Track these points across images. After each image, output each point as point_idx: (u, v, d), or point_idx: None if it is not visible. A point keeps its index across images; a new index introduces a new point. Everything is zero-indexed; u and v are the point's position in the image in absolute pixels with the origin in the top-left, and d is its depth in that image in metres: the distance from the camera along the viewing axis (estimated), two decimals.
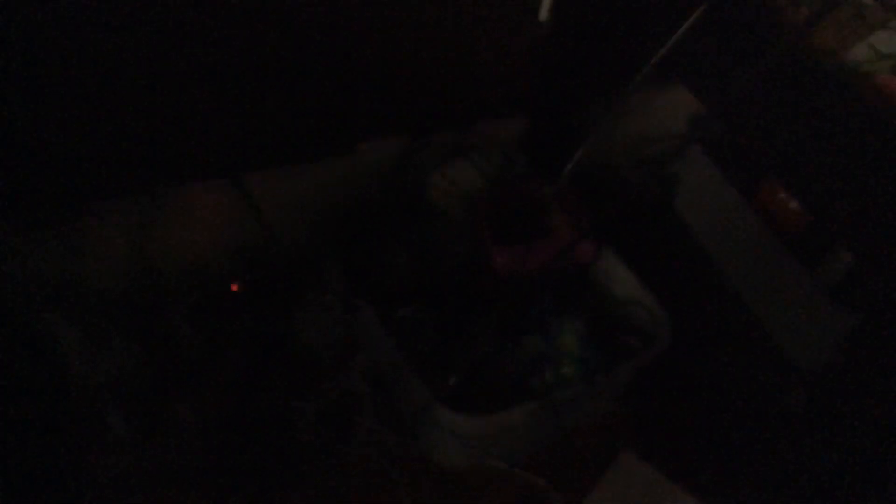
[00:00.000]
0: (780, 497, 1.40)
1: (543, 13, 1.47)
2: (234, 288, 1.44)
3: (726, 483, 1.45)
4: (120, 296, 1.40)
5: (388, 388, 1.43)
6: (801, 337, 1.59)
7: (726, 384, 1.60)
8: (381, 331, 1.35)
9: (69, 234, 1.32)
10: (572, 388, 1.37)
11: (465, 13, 1.43)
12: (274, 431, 1.39)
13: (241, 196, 1.40)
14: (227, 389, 1.41)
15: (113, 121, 1.23)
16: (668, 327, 1.45)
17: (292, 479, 1.35)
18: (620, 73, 1.48)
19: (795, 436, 1.43)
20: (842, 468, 1.32)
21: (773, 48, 0.93)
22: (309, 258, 1.49)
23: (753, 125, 1.26)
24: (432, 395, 1.25)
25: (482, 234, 1.49)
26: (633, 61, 1.41)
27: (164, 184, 1.34)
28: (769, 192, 1.68)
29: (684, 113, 1.80)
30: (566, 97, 1.66)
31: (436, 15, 1.40)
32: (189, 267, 1.45)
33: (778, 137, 1.23)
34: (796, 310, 1.59)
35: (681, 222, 1.82)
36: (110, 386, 1.35)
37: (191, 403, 1.38)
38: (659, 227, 1.80)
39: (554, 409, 1.33)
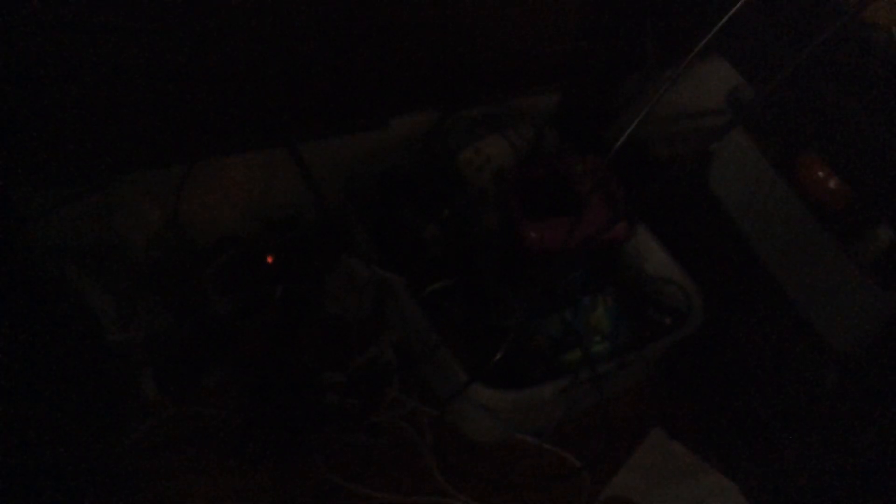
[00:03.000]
0: (812, 477, 1.39)
1: None
2: (270, 260, 1.45)
3: (758, 462, 1.44)
4: (153, 262, 1.41)
5: (418, 361, 1.43)
6: (836, 316, 1.57)
7: (759, 363, 1.58)
8: (412, 304, 1.35)
9: (103, 201, 1.34)
10: (603, 365, 1.36)
11: None
12: (302, 398, 1.40)
13: (274, 167, 1.40)
14: (256, 356, 1.42)
15: (150, 91, 1.23)
16: (700, 305, 1.43)
17: (320, 443, 1.36)
18: (660, 46, 1.46)
19: (830, 416, 1.41)
20: (876, 449, 1.30)
21: (823, 22, 0.90)
22: (340, 230, 1.49)
23: (797, 99, 1.23)
24: (468, 373, 1.24)
25: (513, 209, 1.47)
26: (673, 33, 1.38)
27: (200, 155, 1.35)
28: (806, 169, 1.65)
29: (719, 86, 1.77)
30: (603, 71, 1.64)
31: None
32: (221, 235, 1.46)
33: (822, 112, 1.20)
34: (832, 289, 1.57)
35: (715, 198, 1.79)
36: (143, 351, 1.37)
37: (221, 369, 1.40)
38: (693, 203, 1.78)
39: (584, 386, 1.32)
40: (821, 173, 1.61)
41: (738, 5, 0.89)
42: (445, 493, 1.35)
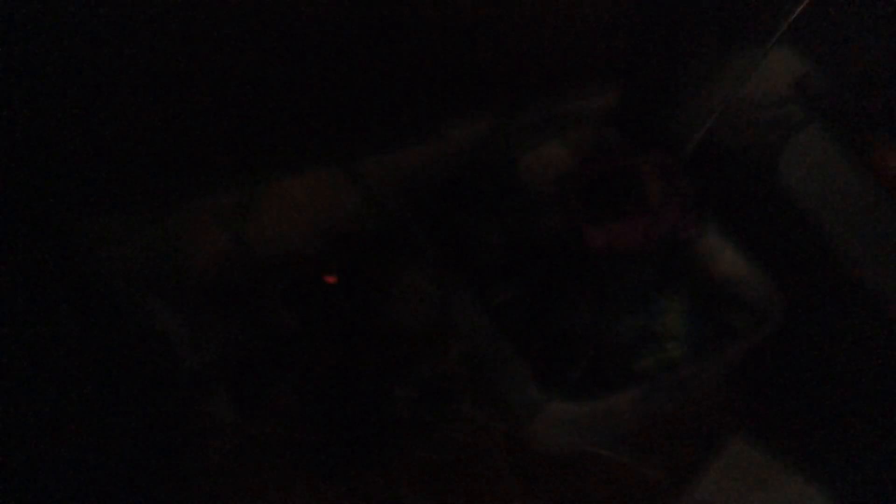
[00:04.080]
0: None
1: None
2: (331, 280, 1.45)
3: (845, 470, 1.38)
4: (220, 282, 1.43)
5: (488, 373, 1.41)
6: None
7: (843, 364, 1.51)
8: (479, 316, 1.33)
9: (171, 226, 1.35)
10: (678, 370, 1.32)
11: None
12: (373, 412, 1.40)
13: (336, 184, 1.40)
14: (325, 372, 1.43)
15: (210, 115, 1.24)
16: (779, 304, 1.38)
17: (392, 458, 1.35)
18: (721, 35, 1.40)
19: None
20: None
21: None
22: (404, 242, 1.48)
23: (878, 86, 1.18)
24: (545, 389, 1.22)
25: (575, 213, 1.44)
26: (733, 21, 1.33)
27: (263, 176, 1.36)
28: (884, 160, 1.57)
29: (786, 75, 1.70)
30: (663, 63, 1.59)
31: None
32: (286, 252, 1.47)
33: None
34: None
35: (788, 192, 1.72)
36: (215, 371, 1.38)
37: (293, 387, 1.40)
38: (765, 197, 1.71)
39: (660, 392, 1.29)
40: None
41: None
42: None
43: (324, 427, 1.37)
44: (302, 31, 1.21)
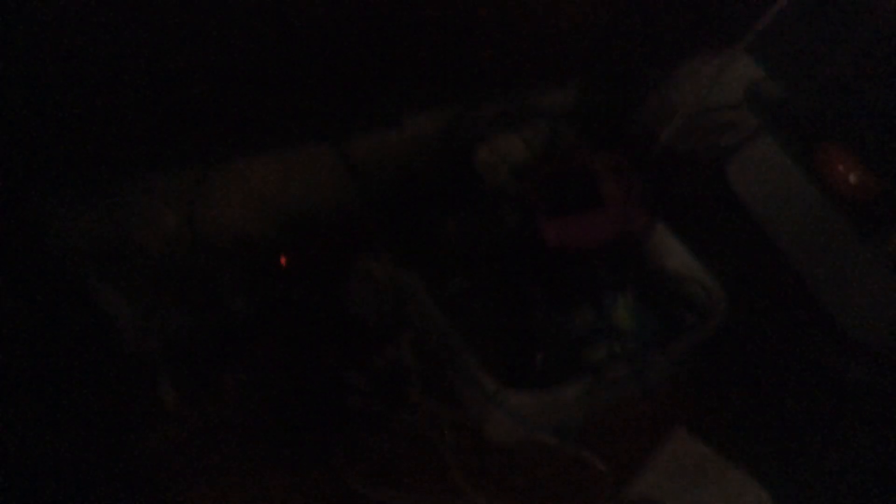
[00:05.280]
0: (840, 476, 1.37)
1: None
2: (283, 262, 1.43)
3: (782, 461, 1.42)
4: (170, 266, 1.40)
5: (439, 362, 1.41)
6: (860, 311, 1.55)
7: (783, 360, 1.56)
8: (433, 307, 1.33)
9: (119, 206, 1.32)
10: (626, 364, 1.34)
11: None
12: (323, 400, 1.38)
13: (289, 167, 1.38)
14: (276, 359, 1.41)
15: (163, 92, 1.21)
16: (723, 302, 1.41)
17: (341, 446, 1.34)
18: (680, 40, 1.43)
19: (857, 413, 1.39)
20: None
21: (863, 17, 0.88)
22: (359, 230, 1.48)
23: (826, 92, 1.22)
24: (495, 379, 1.23)
25: (533, 207, 1.46)
26: (694, 26, 1.36)
27: (215, 158, 1.33)
28: (826, 163, 1.62)
29: (739, 81, 1.74)
30: (622, 65, 1.62)
31: None
32: (238, 237, 1.44)
33: (855, 104, 1.18)
34: (856, 283, 1.55)
35: (734, 194, 1.77)
36: (161, 356, 1.35)
37: (240, 373, 1.38)
38: (712, 198, 1.76)
39: (608, 385, 1.30)
40: (841, 167, 1.59)
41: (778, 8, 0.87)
42: (466, 496, 1.33)
43: (273, 415, 1.36)
44: (259, 11, 1.20)
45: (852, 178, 1.58)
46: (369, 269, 1.43)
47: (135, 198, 1.33)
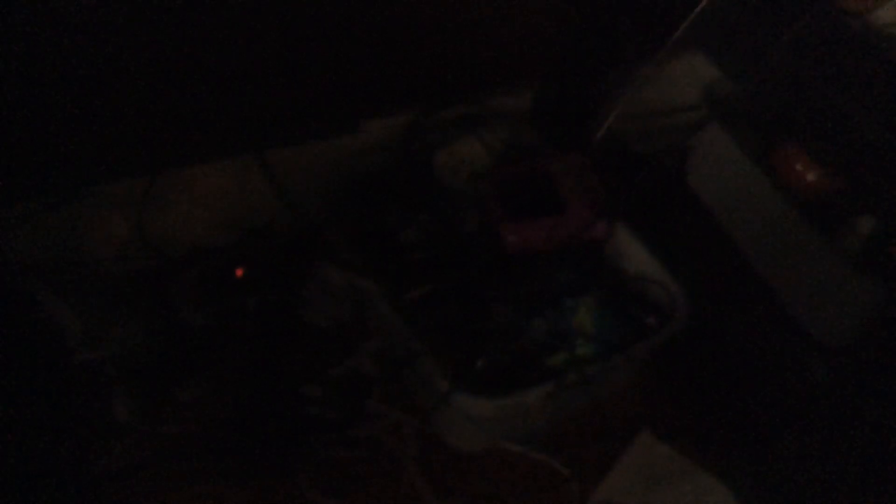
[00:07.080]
0: (805, 476, 1.37)
1: None
2: (239, 273, 1.41)
3: (750, 463, 1.42)
4: (121, 277, 1.37)
5: (400, 370, 1.39)
6: (821, 310, 1.55)
7: (747, 361, 1.56)
8: (391, 313, 1.31)
9: (69, 216, 1.29)
10: (589, 368, 1.33)
11: None
12: (281, 411, 1.36)
13: (244, 174, 1.36)
14: (233, 371, 1.38)
15: (112, 99, 1.19)
16: (684, 305, 1.41)
17: (300, 459, 1.32)
18: (639, 42, 1.44)
19: (820, 413, 1.39)
20: (868, 445, 1.28)
21: (801, 11, 0.89)
22: (316, 237, 1.46)
23: (776, 90, 1.22)
24: (452, 381, 1.21)
25: (491, 211, 1.45)
26: (652, 28, 1.36)
27: (166, 164, 1.31)
28: (784, 162, 1.63)
29: (696, 81, 1.75)
30: (580, 68, 1.62)
31: None
32: (191, 247, 1.42)
33: (803, 101, 1.19)
34: (816, 282, 1.55)
35: (695, 196, 1.77)
36: (114, 369, 1.32)
37: (196, 385, 1.35)
38: (673, 201, 1.76)
39: (570, 390, 1.29)
40: (799, 166, 1.60)
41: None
42: None
43: (230, 429, 1.33)
44: (214, 15, 1.18)
45: (810, 177, 1.59)
46: (327, 276, 1.41)
47: (85, 207, 1.30)
